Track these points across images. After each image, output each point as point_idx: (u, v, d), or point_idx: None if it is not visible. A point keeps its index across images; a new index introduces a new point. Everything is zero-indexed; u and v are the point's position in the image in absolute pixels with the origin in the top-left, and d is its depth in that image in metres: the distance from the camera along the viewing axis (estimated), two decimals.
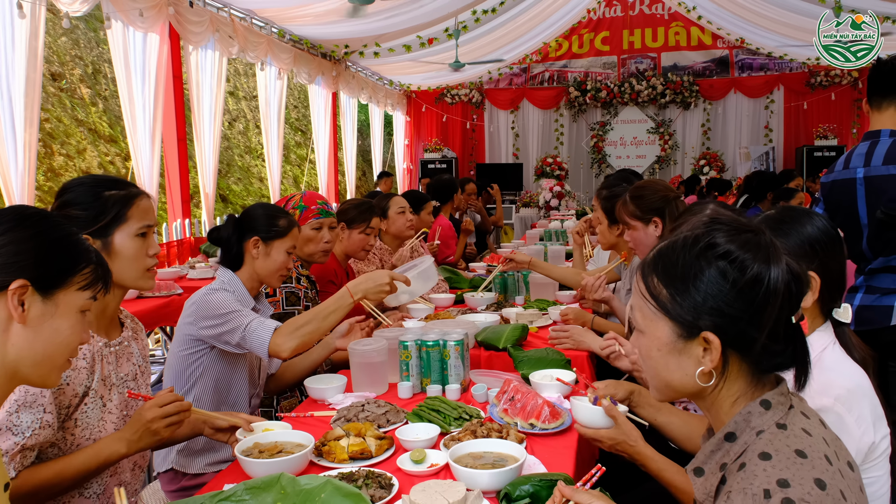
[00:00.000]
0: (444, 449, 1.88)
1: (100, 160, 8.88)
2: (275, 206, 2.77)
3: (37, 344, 1.26)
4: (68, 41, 9.32)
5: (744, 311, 1.12)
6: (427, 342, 2.45)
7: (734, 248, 1.14)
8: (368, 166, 13.75)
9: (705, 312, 1.13)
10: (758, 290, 1.11)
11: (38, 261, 1.27)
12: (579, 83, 12.51)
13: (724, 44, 12.07)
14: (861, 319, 2.83)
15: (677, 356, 1.18)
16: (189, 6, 5.97)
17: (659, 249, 1.22)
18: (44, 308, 1.27)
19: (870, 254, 2.82)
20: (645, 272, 1.22)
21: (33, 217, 1.31)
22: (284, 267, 2.60)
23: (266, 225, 2.57)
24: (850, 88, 11.77)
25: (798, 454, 1.06)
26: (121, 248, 1.81)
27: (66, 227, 1.35)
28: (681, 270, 1.16)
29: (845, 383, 1.49)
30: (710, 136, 12.38)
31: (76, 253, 1.33)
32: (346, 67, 9.53)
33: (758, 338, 1.12)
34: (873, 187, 2.74)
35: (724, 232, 1.16)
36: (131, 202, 1.83)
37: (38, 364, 1.28)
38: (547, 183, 11.41)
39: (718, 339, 1.13)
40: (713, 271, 1.13)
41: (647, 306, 1.21)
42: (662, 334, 1.19)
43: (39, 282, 1.26)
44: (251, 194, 11.51)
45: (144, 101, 5.62)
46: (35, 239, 1.28)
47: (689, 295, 1.15)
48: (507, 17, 9.65)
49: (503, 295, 4.03)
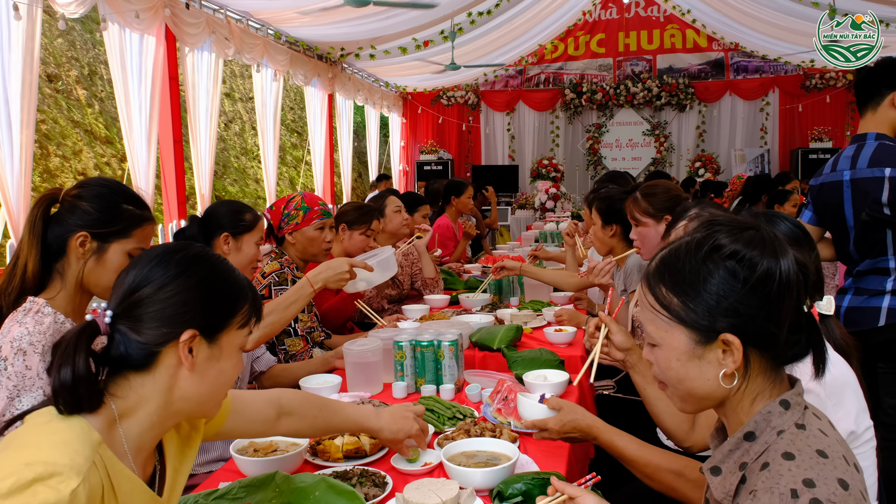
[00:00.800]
0: (438, 448, 1.90)
1: (96, 161, 8.88)
2: (236, 202, 2.83)
3: (203, 387, 1.27)
4: (65, 43, 9.32)
5: (759, 307, 1.12)
6: (422, 342, 2.47)
7: (740, 246, 1.14)
8: (364, 168, 13.77)
9: (720, 314, 1.13)
10: (771, 285, 1.12)
11: (205, 309, 1.26)
12: (575, 85, 12.54)
13: (720, 46, 12.11)
14: (850, 321, 2.85)
15: (697, 363, 1.17)
16: (185, 8, 5.98)
17: (661, 258, 1.22)
18: (210, 352, 1.27)
19: (857, 255, 2.85)
20: (651, 283, 1.22)
21: (198, 259, 1.29)
22: (255, 259, 2.68)
23: (232, 220, 2.65)
24: (845, 91, 11.81)
25: (820, 454, 1.07)
26: (111, 259, 1.84)
27: (226, 267, 1.34)
28: (689, 276, 1.16)
29: (829, 372, 1.52)
30: (705, 139, 12.41)
31: (236, 293, 1.31)
32: (342, 69, 9.55)
33: (777, 332, 1.13)
34: (859, 189, 2.77)
35: (726, 232, 1.16)
36: (141, 223, 1.89)
37: (202, 404, 1.31)
38: (543, 185, 11.44)
39: (738, 338, 1.13)
40: (722, 272, 1.13)
41: (659, 318, 1.20)
42: (679, 343, 1.18)
43: (206, 329, 1.26)
44: (247, 196, 11.52)
45: (140, 102, 5.62)
46: (200, 286, 1.26)
47: (702, 299, 1.14)
48: (503, 20, 9.67)
49: (498, 296, 4.05)
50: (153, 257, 1.27)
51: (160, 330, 1.22)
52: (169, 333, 1.22)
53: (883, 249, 2.74)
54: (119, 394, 1.22)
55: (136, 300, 1.22)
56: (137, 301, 1.22)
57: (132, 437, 1.22)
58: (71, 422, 1.14)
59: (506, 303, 3.96)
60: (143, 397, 1.23)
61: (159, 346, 1.22)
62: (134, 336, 1.21)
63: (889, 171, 2.66)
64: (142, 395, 1.23)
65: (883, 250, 2.74)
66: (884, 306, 2.74)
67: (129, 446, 1.22)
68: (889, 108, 2.77)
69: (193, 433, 1.44)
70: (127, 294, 1.23)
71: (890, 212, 2.67)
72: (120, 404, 1.22)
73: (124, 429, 1.21)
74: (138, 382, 1.23)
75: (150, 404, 1.23)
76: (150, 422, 1.24)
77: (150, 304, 1.22)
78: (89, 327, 1.19)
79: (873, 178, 2.71)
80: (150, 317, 1.22)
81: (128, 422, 1.22)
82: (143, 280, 1.24)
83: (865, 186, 2.74)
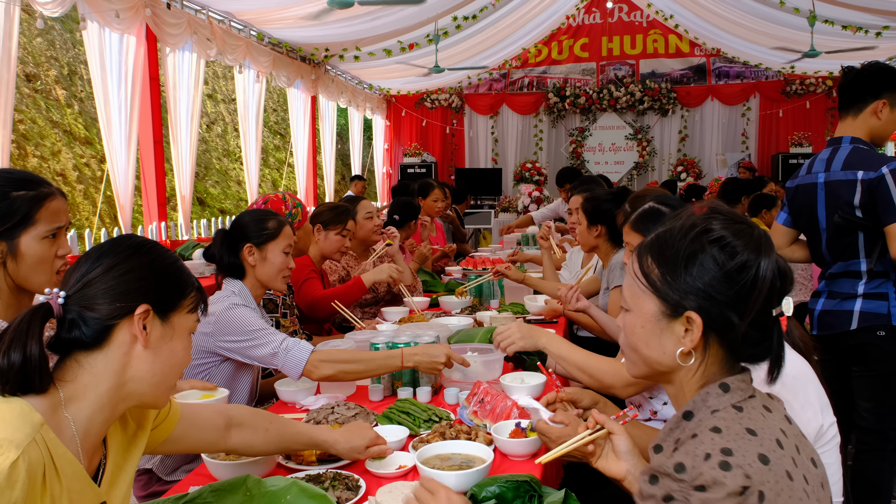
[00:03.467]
0: (413, 450, 1.89)
1: (75, 162, 8.79)
2: (264, 210, 2.75)
3: (156, 365, 1.30)
4: (44, 42, 9.23)
5: (728, 295, 1.15)
6: (398, 345, 2.46)
7: (727, 234, 1.18)
8: (348, 170, 13.73)
9: (692, 293, 1.17)
10: (745, 277, 1.15)
11: (157, 286, 1.30)
12: (558, 89, 12.58)
13: (702, 52, 12.20)
14: (823, 324, 2.87)
15: (659, 334, 1.22)
16: (167, 8, 5.94)
17: (658, 233, 1.27)
18: (163, 331, 1.31)
19: (829, 257, 2.86)
20: (641, 252, 1.27)
21: (147, 244, 1.35)
22: (285, 267, 2.59)
23: (256, 230, 2.56)
24: (825, 97, 11.94)
25: (749, 432, 1.10)
26: (27, 251, 1.72)
27: (172, 254, 1.39)
28: (674, 252, 1.20)
29: (789, 370, 1.52)
30: (687, 143, 12.49)
31: (185, 277, 1.37)
32: (325, 71, 9.52)
33: (739, 324, 1.15)
34: (832, 192, 2.79)
35: (720, 220, 1.20)
36: (41, 203, 1.73)
37: (156, 385, 1.32)
38: (526, 188, 11.46)
39: (701, 319, 1.17)
40: (704, 255, 1.17)
41: (637, 284, 1.25)
42: (648, 311, 1.23)
43: (159, 306, 1.30)
44: (229, 197, 11.46)
45: (120, 102, 5.58)
46: (152, 266, 1.31)
47: (679, 275, 1.19)
48: (487, 23, 9.70)
49: (478, 298, 4.05)
50: (102, 246, 1.32)
51: (115, 304, 1.25)
52: (123, 308, 1.26)
53: (855, 252, 2.76)
54: (68, 377, 1.24)
55: (88, 280, 1.26)
56: (90, 281, 1.26)
57: (80, 421, 1.23)
58: (11, 402, 1.15)
59: (486, 305, 3.96)
60: (95, 377, 1.25)
61: (114, 320, 1.25)
62: (88, 313, 1.24)
63: (861, 174, 2.67)
64: (93, 374, 1.25)
65: (855, 252, 2.76)
66: (855, 310, 2.75)
67: (78, 430, 1.23)
68: (870, 116, 2.77)
69: (140, 433, 1.44)
70: (79, 278, 1.26)
71: (862, 214, 2.69)
72: (68, 389, 1.23)
73: (72, 413, 1.22)
74: (89, 362, 1.25)
75: (101, 385, 1.25)
76: (101, 403, 1.25)
77: (103, 283, 1.26)
78: (42, 308, 1.21)
79: (846, 181, 2.72)
80: (103, 293, 1.25)
81: (76, 405, 1.23)
82: (93, 264, 1.27)
83: (838, 189, 2.76)
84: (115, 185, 5.69)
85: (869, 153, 2.74)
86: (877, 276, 2.73)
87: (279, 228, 2.59)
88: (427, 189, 5.92)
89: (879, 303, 2.73)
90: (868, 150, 2.75)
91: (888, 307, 2.72)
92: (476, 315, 3.56)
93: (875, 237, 2.70)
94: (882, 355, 2.73)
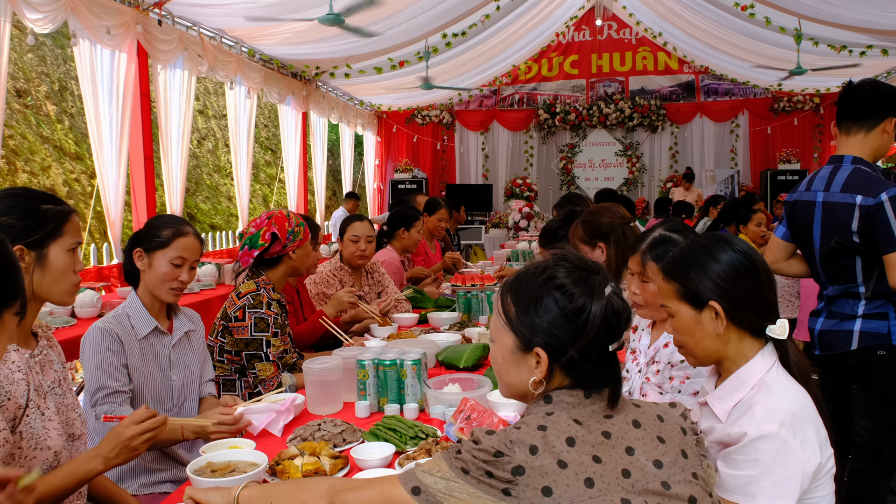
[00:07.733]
0: (399, 467, 1.89)
1: (65, 177, 8.78)
2: (170, 216, 2.63)
3: None
4: (35, 58, 9.24)
5: (568, 334, 1.30)
6: (384, 361, 2.46)
7: (568, 282, 1.32)
8: (339, 186, 13.76)
9: (539, 332, 1.32)
10: (581, 320, 1.29)
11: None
12: (548, 106, 12.67)
13: (690, 69, 12.32)
14: (823, 344, 2.86)
15: (516, 364, 1.37)
16: (158, 24, 5.96)
17: (518, 272, 1.41)
18: None
19: (823, 276, 2.85)
20: (503, 290, 1.41)
21: None
22: (170, 278, 2.43)
23: (148, 235, 2.46)
24: (812, 114, 12.07)
25: (540, 428, 1.23)
26: (54, 261, 1.80)
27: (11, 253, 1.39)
28: (527, 294, 1.35)
29: (789, 407, 1.51)
30: (677, 159, 12.58)
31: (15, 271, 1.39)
32: (316, 87, 9.56)
33: (577, 358, 1.30)
34: (829, 213, 2.76)
35: (565, 268, 1.35)
36: (67, 218, 1.85)
37: None
38: (516, 204, 11.52)
39: (546, 355, 1.31)
40: (549, 299, 1.32)
41: (499, 319, 1.39)
42: (507, 344, 1.37)
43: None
44: (219, 213, 11.45)
45: (111, 118, 5.58)
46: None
47: (530, 316, 1.34)
48: (477, 41, 9.76)
49: (467, 315, 4.05)
50: None
51: None
52: None
53: (852, 276, 2.74)
54: None
55: None
56: None
57: None
58: None
59: (474, 321, 3.96)
60: None
61: None
62: None
63: (860, 198, 2.63)
64: None
65: (852, 277, 2.74)
66: (855, 330, 2.73)
67: None
68: (881, 134, 2.74)
69: None
70: None
71: (860, 240, 2.66)
72: None
73: None
74: None
75: None
76: None
77: None
78: None
79: (844, 204, 2.69)
80: None
81: None
82: None
83: (836, 210, 2.73)
84: (106, 201, 5.69)
85: (869, 176, 2.69)
86: (877, 297, 2.71)
87: (172, 238, 2.45)
88: (434, 206, 5.88)
89: (880, 322, 2.71)
90: (869, 173, 2.71)
91: (888, 326, 2.70)
92: (464, 331, 3.56)
93: (872, 262, 2.68)
94: (882, 375, 2.71)
